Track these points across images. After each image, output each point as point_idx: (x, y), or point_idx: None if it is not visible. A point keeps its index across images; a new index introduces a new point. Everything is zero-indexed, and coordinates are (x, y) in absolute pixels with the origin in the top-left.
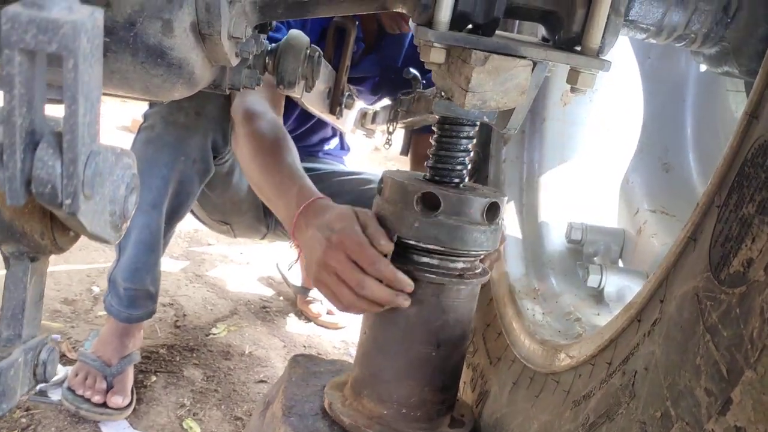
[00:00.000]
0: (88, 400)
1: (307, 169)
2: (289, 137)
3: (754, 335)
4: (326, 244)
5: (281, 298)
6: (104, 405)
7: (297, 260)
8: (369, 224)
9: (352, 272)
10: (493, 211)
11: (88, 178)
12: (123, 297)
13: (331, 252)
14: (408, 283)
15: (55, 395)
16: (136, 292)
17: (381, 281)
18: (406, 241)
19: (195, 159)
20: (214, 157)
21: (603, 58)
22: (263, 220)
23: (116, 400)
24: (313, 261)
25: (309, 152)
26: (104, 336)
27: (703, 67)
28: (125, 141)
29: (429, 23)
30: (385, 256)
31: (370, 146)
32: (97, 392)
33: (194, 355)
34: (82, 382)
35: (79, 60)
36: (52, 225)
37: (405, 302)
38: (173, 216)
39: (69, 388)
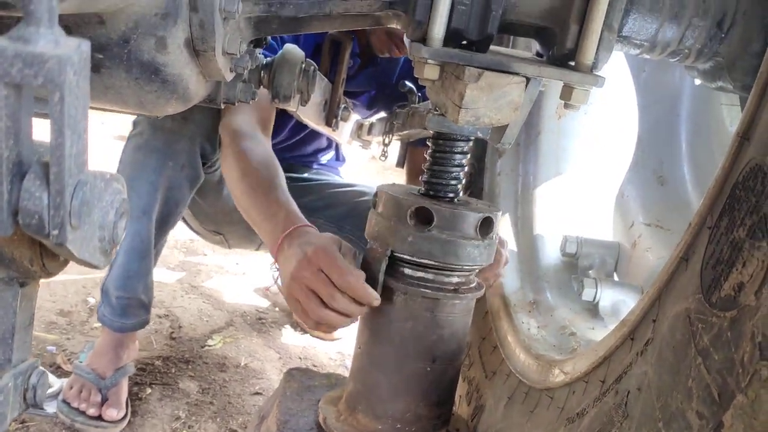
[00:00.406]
0: (83, 413)
1: (300, 180)
2: (277, 160)
3: (745, 360)
4: (301, 256)
5: (277, 309)
6: (99, 418)
7: (276, 281)
8: (347, 255)
9: (324, 285)
10: (486, 226)
11: (75, 208)
12: (115, 306)
13: (305, 264)
14: (375, 297)
15: (51, 408)
16: (128, 301)
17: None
18: (400, 255)
19: (183, 164)
20: (204, 164)
21: (597, 73)
22: None
23: (111, 413)
24: (287, 274)
25: (303, 163)
26: (99, 348)
27: (698, 82)
28: (121, 150)
29: (423, 39)
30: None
31: (367, 155)
32: (92, 405)
33: (190, 367)
34: (77, 394)
35: (65, 93)
36: (41, 251)
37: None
38: (164, 223)
39: (64, 401)
